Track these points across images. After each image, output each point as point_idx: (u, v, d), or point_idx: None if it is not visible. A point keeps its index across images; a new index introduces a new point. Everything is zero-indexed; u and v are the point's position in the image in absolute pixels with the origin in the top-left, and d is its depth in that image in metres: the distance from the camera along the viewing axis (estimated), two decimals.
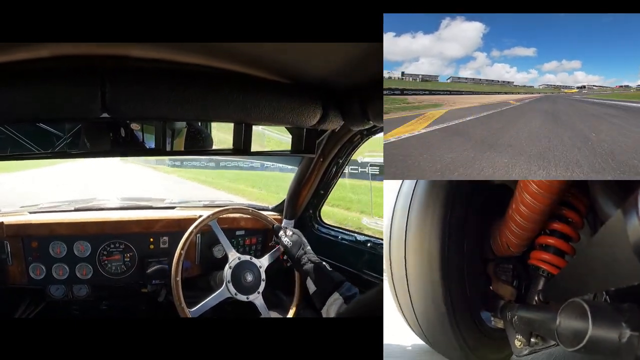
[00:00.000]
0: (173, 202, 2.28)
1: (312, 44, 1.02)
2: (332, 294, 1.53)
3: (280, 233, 1.83)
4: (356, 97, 1.33)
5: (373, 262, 1.92)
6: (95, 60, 1.05)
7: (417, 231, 1.62)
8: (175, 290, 1.69)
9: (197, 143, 1.36)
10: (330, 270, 1.66)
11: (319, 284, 1.61)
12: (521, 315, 1.41)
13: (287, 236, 1.80)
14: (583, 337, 0.92)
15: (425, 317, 1.69)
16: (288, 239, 1.78)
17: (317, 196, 2.16)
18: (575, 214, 1.39)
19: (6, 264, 1.82)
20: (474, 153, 2.84)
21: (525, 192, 1.27)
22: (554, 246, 1.38)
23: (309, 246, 1.77)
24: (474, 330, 1.63)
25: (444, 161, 2.49)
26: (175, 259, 1.75)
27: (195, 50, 1.09)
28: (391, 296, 1.83)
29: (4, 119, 1.03)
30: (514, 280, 1.61)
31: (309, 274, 1.64)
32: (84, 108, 1.00)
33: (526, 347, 1.42)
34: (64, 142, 1.21)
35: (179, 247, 1.78)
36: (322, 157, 1.95)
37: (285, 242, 1.78)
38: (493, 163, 2.47)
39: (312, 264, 1.67)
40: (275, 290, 2.11)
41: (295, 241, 1.77)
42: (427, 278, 1.59)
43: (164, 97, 1.06)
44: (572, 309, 1.00)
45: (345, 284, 1.57)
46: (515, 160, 2.57)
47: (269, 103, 1.20)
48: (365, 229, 2.11)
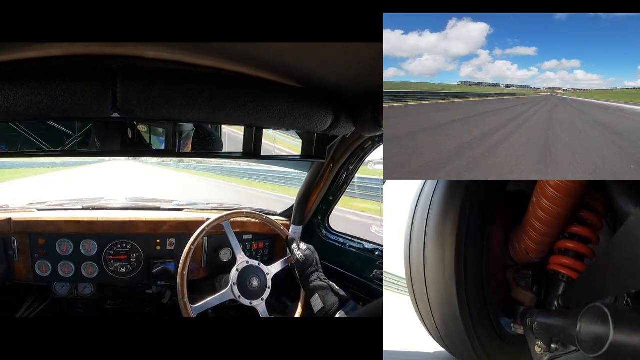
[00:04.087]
0: (181, 204, 2.28)
1: (325, 49, 1.02)
2: (338, 312, 1.52)
3: (293, 246, 1.81)
4: (368, 104, 1.31)
5: (380, 270, 1.90)
6: (108, 60, 1.04)
7: (436, 236, 1.61)
8: (180, 285, 1.68)
9: (207, 146, 1.35)
10: (338, 290, 1.64)
11: (326, 302, 1.59)
12: (541, 321, 1.39)
13: (301, 250, 1.78)
14: (604, 342, 0.90)
15: (444, 323, 1.67)
16: (301, 253, 1.76)
17: (326, 202, 2.14)
18: (594, 216, 1.37)
19: (13, 260, 1.83)
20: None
21: (543, 196, 1.26)
22: (573, 250, 1.37)
23: (320, 264, 1.75)
24: (494, 337, 1.61)
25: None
26: (184, 253, 1.73)
27: (206, 53, 1.09)
28: (410, 302, 1.81)
29: (16, 117, 1.03)
30: (533, 286, 1.59)
31: (316, 290, 1.63)
32: (95, 107, 1.00)
33: (546, 353, 1.40)
34: (75, 141, 1.21)
35: (189, 242, 1.76)
36: (332, 163, 1.93)
37: (298, 256, 1.76)
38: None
39: (321, 282, 1.65)
40: (281, 297, 2.09)
41: (308, 257, 1.75)
42: (445, 284, 1.57)
43: (176, 99, 1.05)
44: (593, 314, 0.98)
45: (350, 303, 1.55)
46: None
47: (281, 107, 1.18)
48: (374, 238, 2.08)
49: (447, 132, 4.55)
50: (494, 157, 2.95)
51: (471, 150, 3.29)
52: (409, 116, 6.55)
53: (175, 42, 0.94)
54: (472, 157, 2.96)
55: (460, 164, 2.72)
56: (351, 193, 6.18)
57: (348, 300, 1.56)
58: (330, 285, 1.65)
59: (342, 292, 1.63)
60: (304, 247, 1.79)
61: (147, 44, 1.00)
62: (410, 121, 5.67)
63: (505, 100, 13.15)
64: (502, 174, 2.43)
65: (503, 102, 11.26)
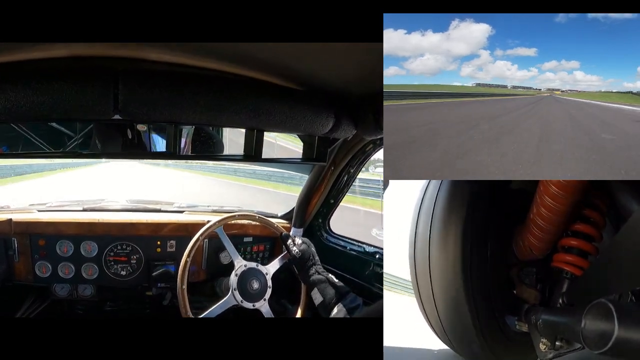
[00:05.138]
0: (181, 206, 2.27)
1: (326, 51, 1.02)
2: (337, 304, 1.52)
3: (288, 242, 1.81)
4: (369, 106, 1.31)
5: (381, 273, 1.89)
6: (111, 61, 1.04)
7: (440, 236, 1.62)
8: (181, 299, 1.68)
9: (208, 148, 1.35)
10: (336, 282, 1.64)
11: (325, 295, 1.58)
12: (546, 318, 1.40)
13: (296, 245, 1.77)
14: (609, 338, 0.90)
15: (449, 322, 1.67)
16: (297, 249, 1.76)
17: (327, 205, 2.14)
18: (597, 213, 1.38)
19: (13, 260, 1.82)
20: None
21: (546, 194, 1.26)
22: (577, 247, 1.37)
23: (317, 257, 1.74)
24: (498, 335, 1.62)
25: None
26: (181, 266, 1.73)
27: (208, 55, 1.09)
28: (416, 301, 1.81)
29: (17, 117, 1.03)
30: (537, 284, 1.60)
31: (315, 285, 1.62)
32: (96, 109, 1.00)
33: (551, 350, 1.40)
34: (76, 142, 1.21)
35: (185, 255, 1.76)
36: (333, 165, 1.93)
37: (294, 252, 1.76)
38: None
39: (319, 276, 1.65)
40: (281, 299, 2.09)
41: (304, 251, 1.75)
42: (450, 282, 1.58)
43: (177, 101, 1.05)
44: (597, 310, 0.98)
45: (350, 295, 1.55)
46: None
47: (282, 110, 1.18)
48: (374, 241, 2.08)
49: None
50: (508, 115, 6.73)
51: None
52: (439, 109, 9.01)
53: (178, 42, 0.94)
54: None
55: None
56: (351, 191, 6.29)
57: (347, 292, 1.56)
58: (329, 278, 1.65)
59: (341, 284, 1.63)
60: (299, 241, 1.79)
61: (150, 46, 1.00)
62: (447, 112, 8.14)
63: (514, 99, 15.75)
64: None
65: (514, 101, 13.87)
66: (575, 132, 4.92)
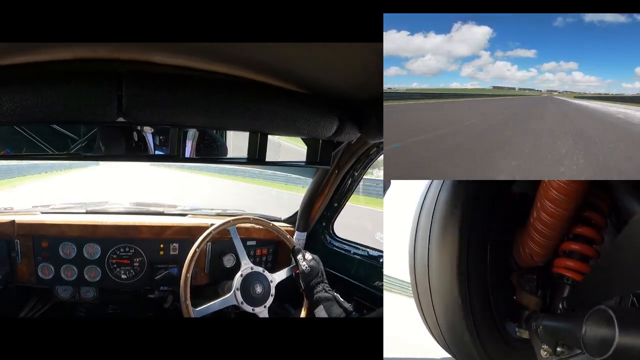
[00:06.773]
0: (185, 209, 2.27)
1: (330, 54, 1.02)
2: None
3: (298, 256, 1.81)
4: (373, 110, 1.30)
5: (381, 283, 1.88)
6: (115, 64, 1.04)
7: (439, 240, 1.59)
8: (183, 288, 1.67)
9: (212, 151, 1.35)
10: (343, 302, 1.63)
11: (331, 313, 1.59)
12: (546, 324, 1.38)
13: (306, 260, 1.77)
14: (610, 345, 0.89)
15: (449, 328, 1.65)
16: (306, 264, 1.76)
17: (331, 209, 2.13)
18: (598, 215, 1.35)
19: (15, 262, 1.83)
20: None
21: (546, 198, 1.24)
22: (578, 252, 1.35)
23: (324, 275, 1.74)
24: (499, 341, 1.59)
25: None
26: (189, 256, 1.73)
27: (212, 58, 1.08)
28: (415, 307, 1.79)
29: (21, 119, 1.02)
30: (538, 290, 1.57)
31: (321, 302, 1.62)
32: (99, 111, 0.99)
33: (552, 357, 1.38)
34: (80, 145, 1.21)
35: (194, 246, 1.76)
36: (337, 169, 1.92)
37: (303, 267, 1.75)
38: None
39: (326, 294, 1.65)
40: (283, 305, 2.08)
41: (313, 267, 1.75)
42: (449, 289, 1.56)
43: (181, 104, 1.04)
44: (598, 316, 0.97)
45: (353, 314, 1.55)
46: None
47: (286, 113, 1.18)
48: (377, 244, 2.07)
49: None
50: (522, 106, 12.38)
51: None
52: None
53: (181, 42, 0.94)
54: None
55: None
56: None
57: (351, 312, 1.56)
58: (335, 297, 1.64)
59: (347, 304, 1.63)
60: (310, 257, 1.79)
61: (154, 49, 1.00)
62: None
63: (523, 98, 20.43)
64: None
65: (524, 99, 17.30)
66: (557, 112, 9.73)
